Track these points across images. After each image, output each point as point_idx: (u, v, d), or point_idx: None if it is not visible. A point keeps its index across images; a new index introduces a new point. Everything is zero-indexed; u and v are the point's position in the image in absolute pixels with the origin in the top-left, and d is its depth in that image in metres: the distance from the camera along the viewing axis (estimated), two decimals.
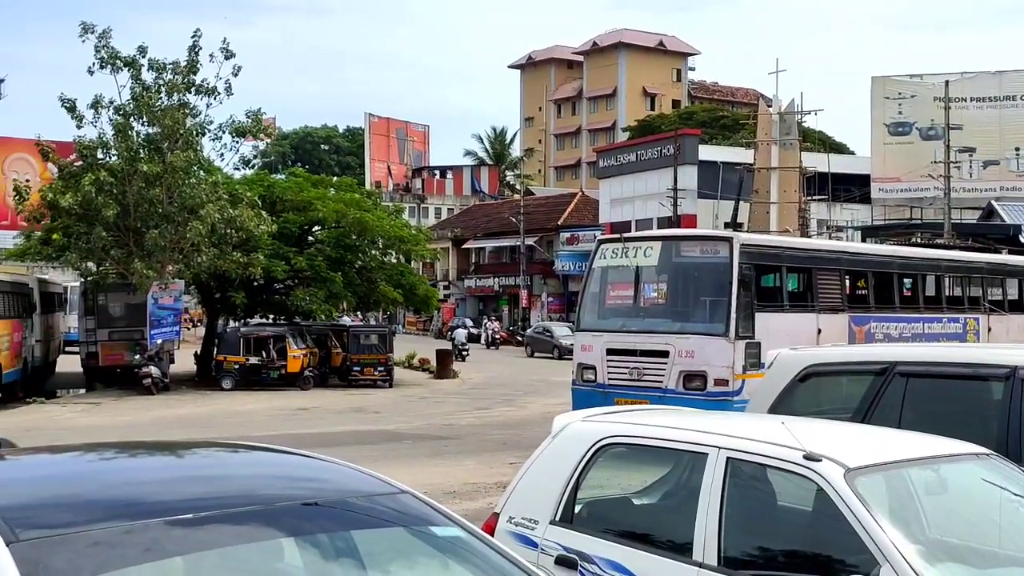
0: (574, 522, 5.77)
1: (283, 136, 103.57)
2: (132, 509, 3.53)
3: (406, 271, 42.66)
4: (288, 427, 24.01)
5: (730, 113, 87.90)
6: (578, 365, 17.77)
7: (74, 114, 32.69)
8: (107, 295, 35.52)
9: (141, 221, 31.96)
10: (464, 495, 14.33)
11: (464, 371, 42.48)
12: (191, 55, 32.97)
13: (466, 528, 3.84)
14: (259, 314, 41.98)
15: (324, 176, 50.97)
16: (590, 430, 6.02)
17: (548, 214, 74.31)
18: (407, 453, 19.66)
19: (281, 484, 4.02)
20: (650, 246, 17.58)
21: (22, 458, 4.53)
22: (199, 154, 33.75)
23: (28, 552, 3.09)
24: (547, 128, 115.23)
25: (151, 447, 5.10)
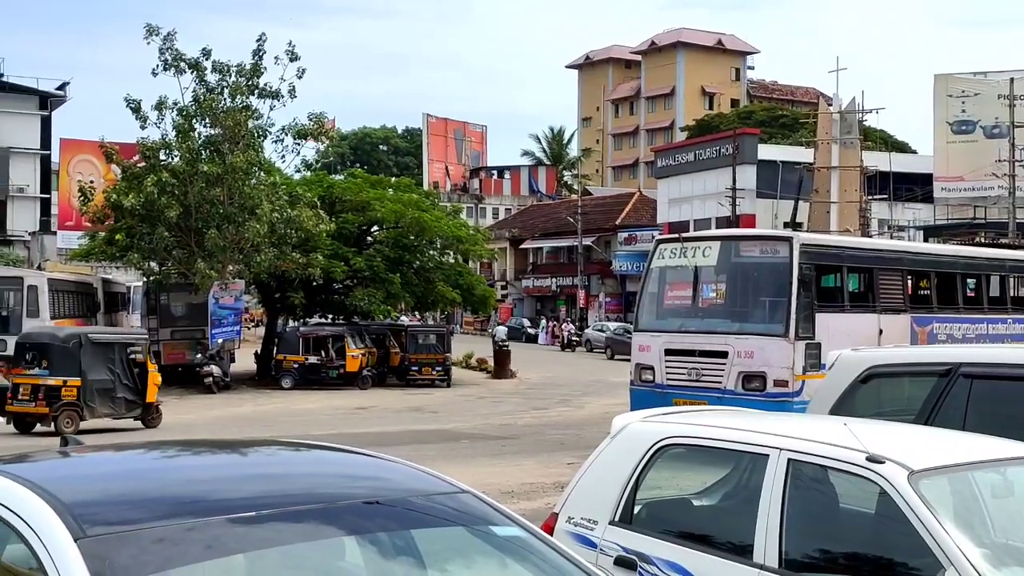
0: (633, 523, 5.74)
1: (342, 137, 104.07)
2: (195, 507, 3.56)
3: (464, 271, 42.77)
4: (347, 426, 24.15)
5: (790, 112, 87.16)
6: (636, 365, 17.71)
7: (138, 115, 33.16)
8: (169, 295, 35.92)
9: (202, 221, 32.31)
10: (522, 495, 14.33)
11: (522, 371, 42.48)
12: (255, 58, 33.28)
13: (526, 528, 3.84)
14: (318, 314, 42.29)
15: (382, 177, 51.27)
16: (649, 430, 5.99)
17: (606, 214, 74.12)
18: (465, 453, 19.69)
19: (342, 483, 4.04)
20: (709, 246, 17.48)
21: (88, 455, 4.58)
22: (260, 155, 34.06)
23: (95, 548, 3.13)
24: (605, 128, 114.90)
25: (213, 445, 5.15)
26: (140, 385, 23.52)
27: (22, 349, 22.91)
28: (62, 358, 22.22)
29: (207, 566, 3.34)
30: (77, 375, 22.16)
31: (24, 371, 22.31)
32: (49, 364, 22.15)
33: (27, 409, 22.14)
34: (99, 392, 22.59)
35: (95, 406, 22.55)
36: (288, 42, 33.50)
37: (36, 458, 4.55)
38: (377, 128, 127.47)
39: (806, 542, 5.25)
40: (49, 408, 21.88)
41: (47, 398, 21.88)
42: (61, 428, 20.95)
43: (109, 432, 22.06)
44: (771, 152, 60.39)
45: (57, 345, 22.47)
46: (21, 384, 22.17)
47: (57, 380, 21.98)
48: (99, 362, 22.69)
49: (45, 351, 22.40)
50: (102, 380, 22.66)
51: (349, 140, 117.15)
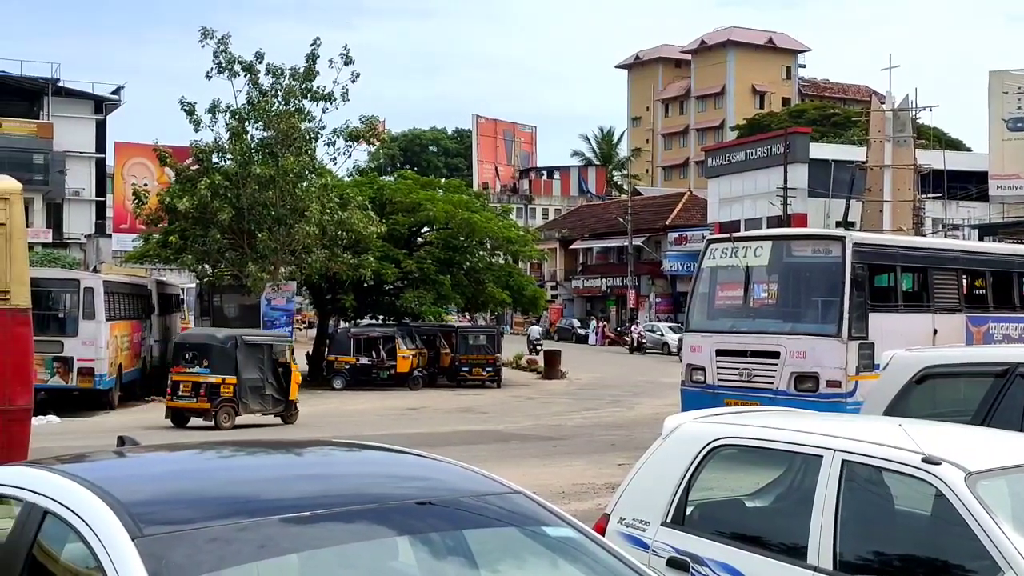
0: (685, 524, 5.72)
1: (392, 139, 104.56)
2: (248, 506, 3.59)
3: (514, 272, 42.81)
4: (398, 426, 24.23)
5: (842, 110, 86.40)
6: (687, 366, 17.64)
7: (192, 118, 33.44)
8: (222, 296, 36.18)
9: (254, 224, 32.53)
10: (573, 496, 14.31)
11: (572, 372, 42.45)
12: (309, 62, 33.47)
13: (578, 528, 3.83)
14: (369, 315, 42.49)
15: (432, 178, 51.42)
16: (701, 431, 5.96)
17: (656, 214, 73.91)
18: (515, 453, 19.70)
19: (395, 483, 4.05)
20: (760, 246, 17.38)
21: (144, 456, 4.63)
22: (312, 158, 34.25)
23: (151, 547, 3.17)
24: (654, 128, 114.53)
25: (266, 445, 5.18)
26: (284, 384, 25.10)
27: (181, 349, 24.72)
28: (220, 358, 23.96)
29: (261, 566, 3.36)
30: (233, 373, 23.90)
31: (184, 369, 24.04)
32: (209, 363, 23.85)
33: (188, 404, 23.86)
34: (251, 389, 24.33)
35: (248, 402, 24.30)
36: (343, 46, 33.69)
37: (93, 458, 4.61)
38: (427, 129, 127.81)
39: (860, 544, 5.20)
40: (210, 404, 23.62)
41: (208, 394, 23.66)
42: (220, 422, 23.37)
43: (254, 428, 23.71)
44: (823, 151, 59.90)
45: (216, 346, 24.30)
46: (181, 381, 23.91)
47: (217, 378, 23.76)
48: (251, 362, 24.40)
49: (205, 351, 24.14)
50: (253, 379, 24.38)
51: (399, 142, 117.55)
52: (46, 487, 3.69)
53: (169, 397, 24.24)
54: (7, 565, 3.62)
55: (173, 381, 24.22)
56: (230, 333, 25.65)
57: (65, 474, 3.78)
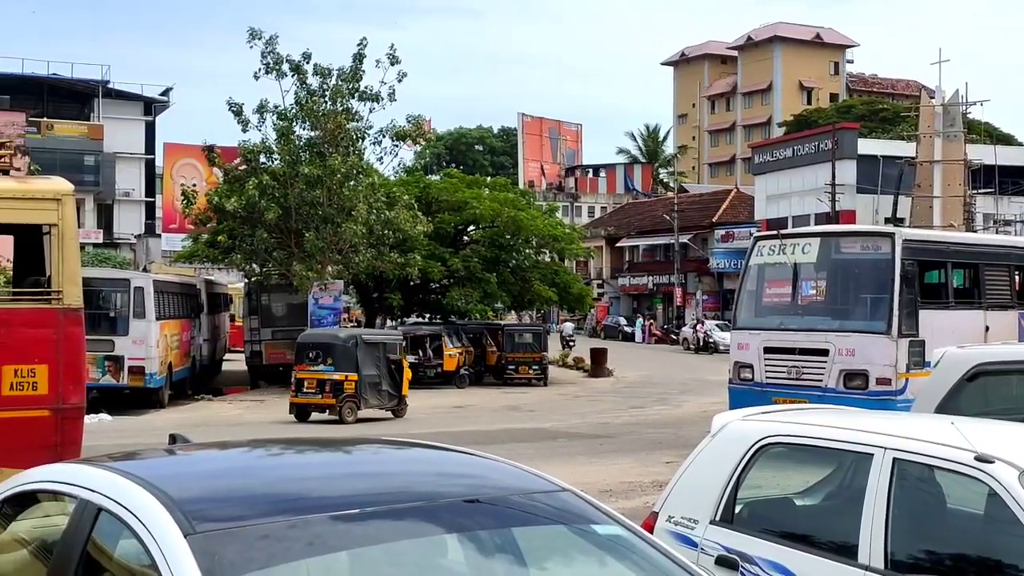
0: (734, 522, 5.69)
1: (438, 138, 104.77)
2: (298, 504, 3.61)
3: (560, 270, 42.78)
4: (445, 424, 24.28)
5: (890, 106, 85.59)
6: (735, 363, 17.56)
7: (240, 118, 33.67)
8: (270, 295, 36.40)
9: (301, 223, 32.70)
10: (620, 494, 14.28)
11: (618, 369, 42.36)
12: (356, 62, 33.59)
13: (627, 526, 3.82)
14: (416, 314, 42.61)
15: (478, 176, 51.49)
16: (750, 429, 5.93)
17: (702, 211, 73.62)
18: (562, 451, 19.69)
19: (443, 481, 4.06)
20: (808, 243, 17.26)
21: (195, 453, 4.67)
22: (360, 158, 34.38)
23: (204, 544, 3.19)
24: (701, 125, 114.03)
25: (315, 443, 5.21)
26: (397, 379, 26.22)
27: (305, 348, 25.67)
28: (343, 356, 25.02)
29: (310, 563, 3.38)
30: (355, 371, 24.92)
31: (308, 367, 25.05)
32: (333, 361, 24.87)
33: (313, 400, 25.03)
34: (370, 385, 25.40)
35: (368, 398, 25.36)
36: (390, 45, 33.72)
37: (145, 456, 4.66)
38: (472, 128, 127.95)
39: (912, 543, 5.16)
40: (335, 399, 24.66)
41: (333, 391, 24.69)
42: (344, 417, 24.61)
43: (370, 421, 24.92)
44: (871, 147, 59.35)
45: (339, 345, 25.42)
46: (306, 379, 24.99)
47: (340, 375, 24.79)
48: (369, 359, 25.43)
49: (329, 350, 25.18)
50: (372, 375, 25.44)
51: (445, 140, 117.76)
52: (100, 484, 3.73)
53: (293, 394, 25.42)
54: (63, 561, 3.67)
55: (297, 379, 25.25)
56: (351, 332, 27.05)
57: (119, 471, 3.82)
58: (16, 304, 11.03)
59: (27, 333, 10.31)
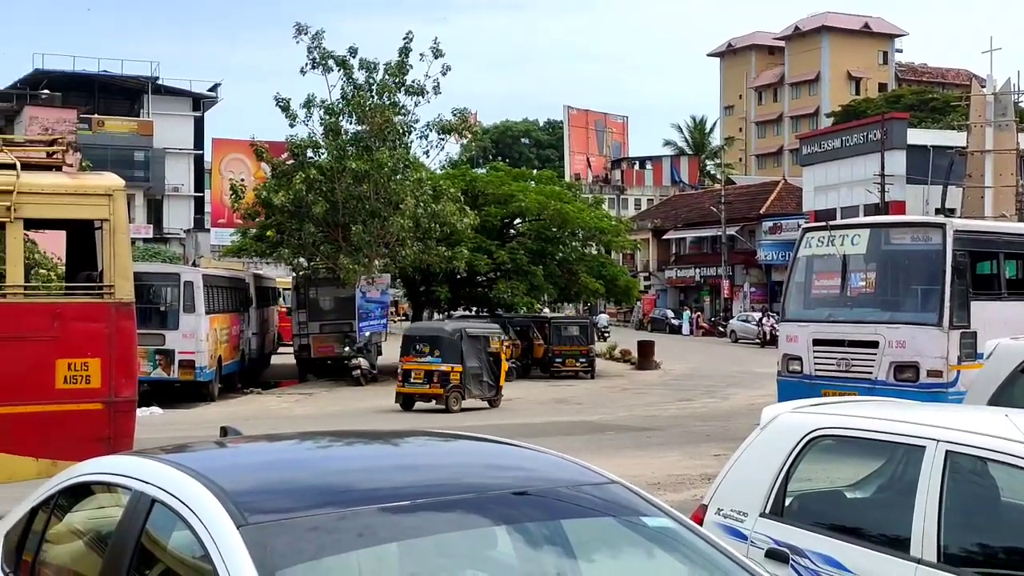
0: (784, 515, 5.66)
1: (483, 131, 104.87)
2: (348, 496, 3.64)
3: (607, 262, 42.67)
4: (492, 417, 24.33)
5: (940, 95, 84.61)
6: (783, 356, 17.46)
7: (287, 113, 33.84)
8: (318, 289, 36.59)
9: (348, 217, 32.83)
10: (668, 486, 14.25)
11: (666, 362, 42.22)
12: (402, 56, 33.66)
13: (677, 519, 3.82)
14: (462, 307, 42.65)
15: (524, 169, 51.45)
16: (800, 422, 5.89)
17: (750, 203, 73.18)
18: (610, 444, 19.67)
19: (492, 473, 4.07)
20: (858, 234, 17.11)
21: (245, 446, 4.71)
22: (407, 151, 34.46)
23: (256, 535, 3.22)
24: (748, 116, 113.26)
25: (364, 436, 5.23)
26: (495, 371, 27.42)
27: (411, 340, 26.93)
28: (449, 348, 26.07)
29: (360, 554, 3.40)
30: (460, 362, 26.04)
31: (414, 359, 26.28)
32: (441, 353, 25.97)
33: (421, 390, 26.16)
34: (473, 376, 26.55)
35: (471, 388, 26.52)
36: (433, 39, 33.78)
37: (197, 448, 4.70)
38: (518, 121, 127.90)
39: (965, 536, 5.11)
40: (443, 389, 25.76)
41: (440, 381, 25.81)
42: (450, 406, 25.67)
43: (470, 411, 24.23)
44: (921, 137, 58.74)
45: (446, 337, 26.50)
46: (412, 369, 26.21)
47: (447, 366, 25.91)
48: (472, 351, 26.57)
49: (436, 342, 26.34)
50: (474, 366, 26.59)
51: (491, 134, 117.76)
52: (154, 476, 3.77)
53: (400, 384, 26.54)
54: (118, 552, 3.71)
55: (404, 369, 26.41)
56: (456, 326, 28.24)
57: (172, 464, 3.87)
58: (69, 299, 11.17)
59: (80, 327, 10.44)
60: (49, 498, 4.43)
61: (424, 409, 25.90)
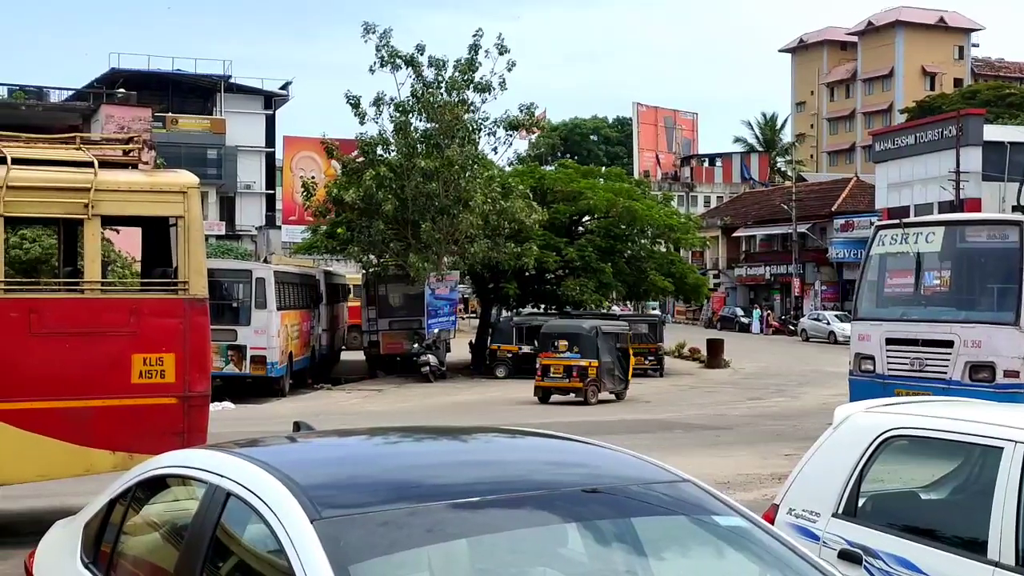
0: (858, 515, 5.60)
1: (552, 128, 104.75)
2: (418, 491, 3.65)
3: (676, 260, 42.47)
4: (560, 415, 24.30)
5: (1018, 90, 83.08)
6: (855, 355, 17.24)
7: (357, 111, 34.09)
8: (387, 286, 36.80)
9: (418, 214, 32.98)
10: (738, 485, 14.14)
11: (735, 360, 41.93)
12: (471, 53, 33.78)
13: (749, 518, 3.79)
14: (531, 304, 42.66)
15: (593, 167, 51.32)
16: (873, 421, 5.82)
17: (821, 200, 72.42)
18: (679, 442, 19.56)
19: (562, 470, 4.07)
20: (932, 232, 16.85)
21: (317, 441, 4.75)
22: (475, 148, 34.55)
23: (329, 530, 3.25)
24: (819, 112, 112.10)
25: (433, 432, 5.26)
26: (625, 366, 29.09)
27: (550, 337, 28.31)
28: (587, 344, 27.45)
29: (431, 550, 3.42)
30: (596, 357, 27.43)
31: (553, 355, 27.65)
32: (580, 349, 27.37)
33: (560, 384, 27.65)
34: (607, 371, 27.92)
35: (605, 381, 27.94)
36: (498, 35, 33.88)
37: (270, 442, 4.75)
38: (588, 118, 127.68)
39: None
40: (582, 383, 27.13)
41: (579, 375, 27.19)
42: (588, 399, 27.07)
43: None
44: (998, 133, 57.65)
45: (584, 334, 27.81)
46: (552, 364, 27.59)
47: (586, 362, 27.30)
48: (606, 347, 28.04)
49: (575, 339, 27.66)
50: (608, 361, 28.05)
51: (560, 131, 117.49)
52: (229, 470, 3.82)
53: (539, 378, 27.92)
54: (194, 545, 3.76)
55: (543, 364, 27.79)
56: (593, 323, 29.39)
57: (246, 458, 3.91)
58: (145, 295, 11.33)
59: (155, 323, 10.59)
60: (127, 491, 4.50)
61: (560, 402, 27.37)
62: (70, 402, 10.26)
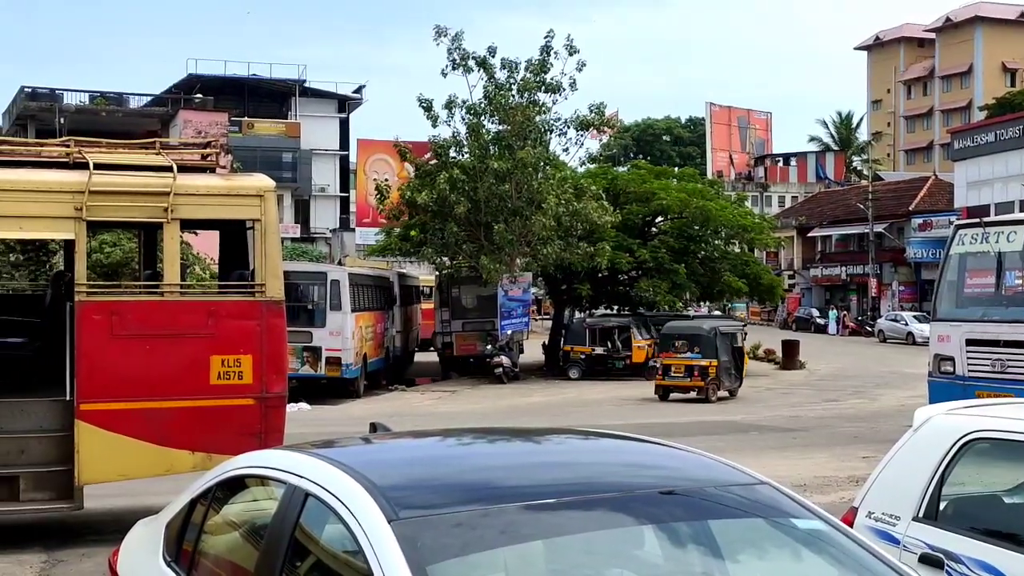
0: (939, 519, 5.51)
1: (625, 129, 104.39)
2: (492, 493, 3.66)
3: (750, 260, 42.13)
4: (635, 416, 24.23)
5: None
6: (935, 356, 16.97)
7: (430, 114, 34.27)
8: (460, 288, 36.92)
9: (491, 216, 33.06)
10: (815, 488, 13.98)
11: (811, 362, 41.49)
12: (543, 54, 33.81)
13: (829, 521, 3.74)
14: (604, 305, 42.57)
15: (666, 167, 51.06)
16: (955, 424, 5.73)
17: (898, 199, 71.42)
18: (754, 444, 19.42)
19: (638, 471, 4.05)
20: (1014, 230, 16.54)
21: (392, 442, 4.78)
22: (547, 149, 34.55)
23: (406, 530, 3.27)
24: (896, 110, 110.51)
25: (507, 433, 5.27)
26: (739, 364, 30.30)
27: (670, 338, 29.25)
28: (707, 344, 28.38)
29: (505, 551, 3.42)
30: (715, 357, 28.37)
31: (674, 354, 28.56)
32: (700, 349, 28.29)
33: (681, 383, 28.63)
34: (724, 369, 28.90)
35: (723, 380, 28.91)
36: (567, 36, 33.86)
37: (345, 443, 4.80)
38: (660, 119, 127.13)
39: None
40: (703, 381, 28.11)
41: (700, 375, 28.11)
42: (709, 396, 28.02)
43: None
44: None
45: (704, 335, 28.71)
46: (672, 364, 28.60)
47: (706, 361, 28.24)
48: (724, 347, 29.04)
49: (696, 340, 28.59)
50: (725, 361, 29.06)
51: (632, 131, 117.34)
52: (307, 471, 3.85)
53: (660, 377, 29.07)
54: (273, 544, 3.80)
55: (664, 364, 28.95)
56: (712, 324, 30.58)
57: (324, 458, 3.95)
58: (223, 297, 11.48)
59: (233, 324, 10.72)
60: (207, 491, 4.56)
61: (680, 399, 28.42)
62: (151, 403, 10.43)
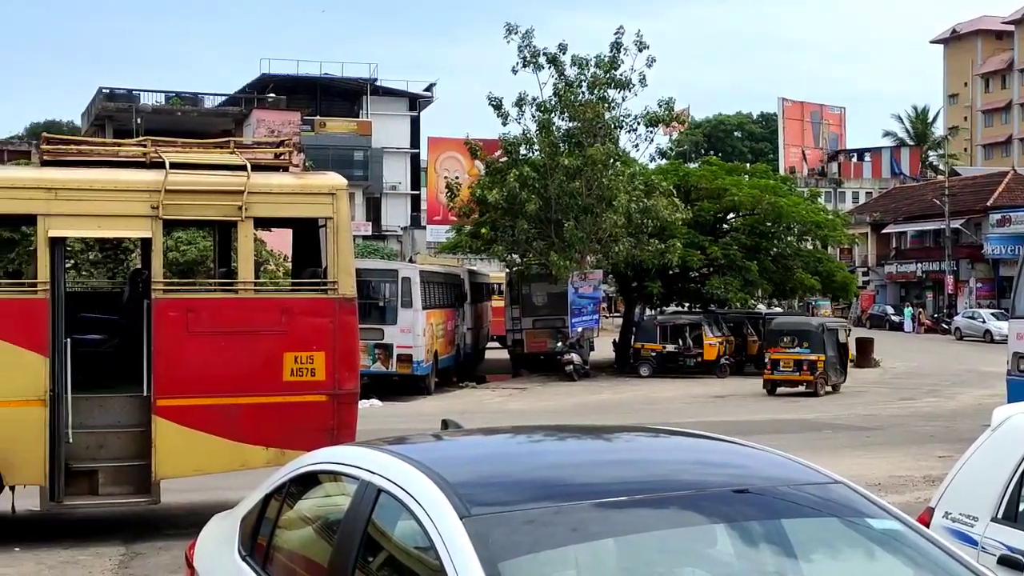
0: (1019, 521, 5.41)
1: (696, 125, 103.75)
2: (563, 490, 3.66)
3: (823, 257, 41.68)
4: (705, 414, 24.08)
5: None
6: (1014, 354, 16.67)
7: (500, 112, 34.32)
8: (531, 285, 36.91)
9: (561, 213, 33.03)
10: (890, 488, 13.80)
11: (885, 360, 40.95)
12: (612, 51, 33.74)
13: (905, 521, 3.70)
14: (675, 302, 42.36)
15: (738, 163, 50.65)
16: None
17: (976, 195, 70.19)
18: (827, 443, 19.20)
19: (710, 470, 4.03)
20: None
21: (464, 439, 4.79)
22: (617, 146, 34.46)
23: (477, 527, 3.28)
24: (973, 104, 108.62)
25: (577, 431, 5.26)
26: (844, 359, 31.12)
27: (779, 334, 30.18)
28: (815, 340, 29.20)
29: (576, 549, 3.42)
30: (823, 352, 29.14)
31: (783, 349, 29.48)
32: (809, 344, 29.14)
33: (791, 377, 29.35)
34: (830, 364, 29.64)
35: (830, 374, 29.61)
36: (636, 32, 33.72)
37: (417, 440, 4.82)
38: (732, 115, 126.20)
39: None
40: (813, 376, 28.91)
41: (809, 369, 28.96)
42: (817, 390, 28.78)
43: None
44: None
45: (813, 331, 29.60)
46: (781, 359, 29.39)
47: (815, 356, 29.01)
48: (830, 342, 29.75)
49: (804, 335, 29.42)
50: (832, 356, 29.73)
51: (703, 128, 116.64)
52: (380, 467, 3.88)
53: (768, 372, 29.76)
54: (347, 540, 3.84)
55: (772, 359, 29.66)
56: (820, 320, 31.62)
57: (396, 455, 3.97)
58: (296, 294, 11.61)
59: (306, 322, 10.83)
60: (281, 486, 4.61)
61: (788, 393, 29.01)
62: (225, 399, 10.56)
